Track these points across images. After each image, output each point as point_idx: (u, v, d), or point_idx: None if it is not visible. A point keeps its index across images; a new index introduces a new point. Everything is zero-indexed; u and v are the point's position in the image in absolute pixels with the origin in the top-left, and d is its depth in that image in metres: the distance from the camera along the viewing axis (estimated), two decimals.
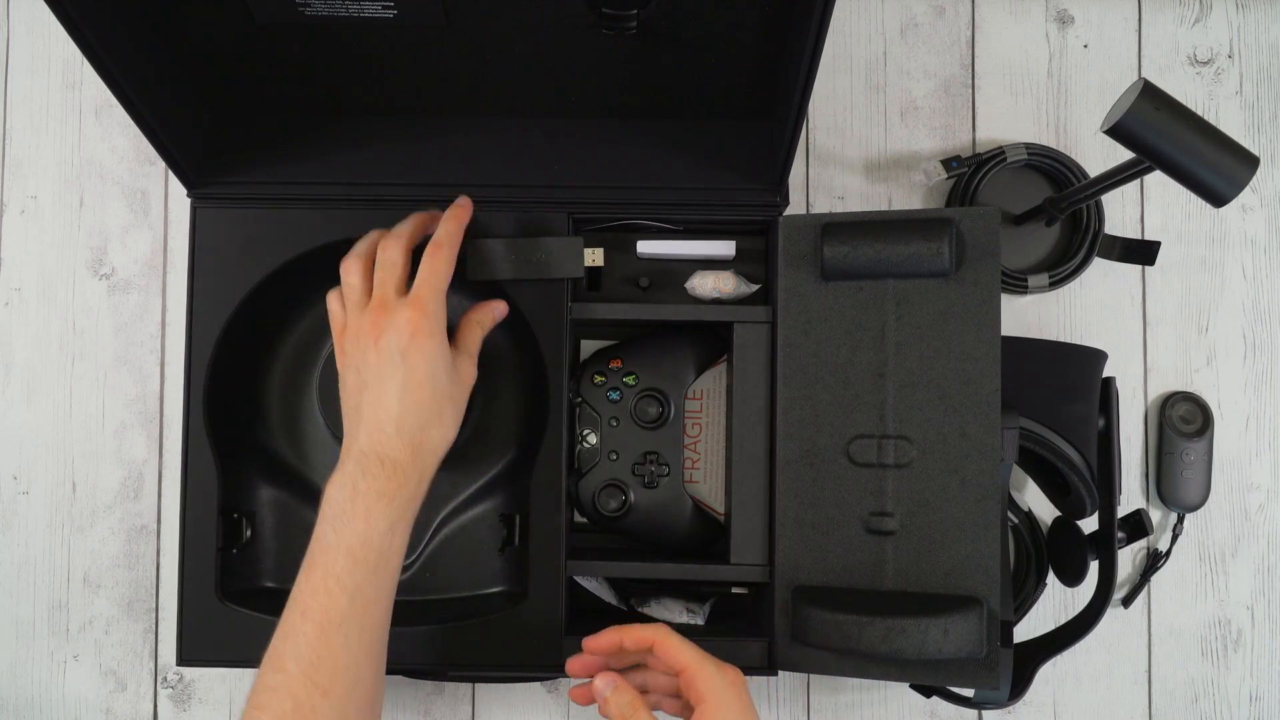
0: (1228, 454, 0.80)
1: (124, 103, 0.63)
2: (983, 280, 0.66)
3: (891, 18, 0.82)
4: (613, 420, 0.72)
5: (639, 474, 0.72)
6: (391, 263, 0.62)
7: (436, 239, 0.63)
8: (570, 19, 0.63)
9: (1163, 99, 0.59)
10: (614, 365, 0.73)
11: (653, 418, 0.72)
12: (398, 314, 0.60)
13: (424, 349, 0.59)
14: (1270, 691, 0.79)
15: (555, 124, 0.73)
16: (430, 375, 0.60)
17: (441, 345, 0.60)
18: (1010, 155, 0.78)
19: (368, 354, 0.60)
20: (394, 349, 0.59)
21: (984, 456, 0.65)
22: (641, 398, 0.72)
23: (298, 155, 0.72)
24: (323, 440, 0.75)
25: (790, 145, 0.66)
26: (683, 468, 0.73)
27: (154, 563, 0.79)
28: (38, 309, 0.80)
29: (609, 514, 0.72)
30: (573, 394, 0.72)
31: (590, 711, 0.79)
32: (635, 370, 0.73)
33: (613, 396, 0.72)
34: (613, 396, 0.72)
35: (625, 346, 0.74)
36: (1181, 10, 0.82)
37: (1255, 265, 0.81)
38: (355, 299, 0.62)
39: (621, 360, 0.73)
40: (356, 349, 0.61)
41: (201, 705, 0.79)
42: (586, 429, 0.73)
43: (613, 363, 0.73)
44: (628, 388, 0.73)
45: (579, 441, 0.73)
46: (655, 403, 0.72)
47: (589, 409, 0.73)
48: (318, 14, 0.62)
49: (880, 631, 0.62)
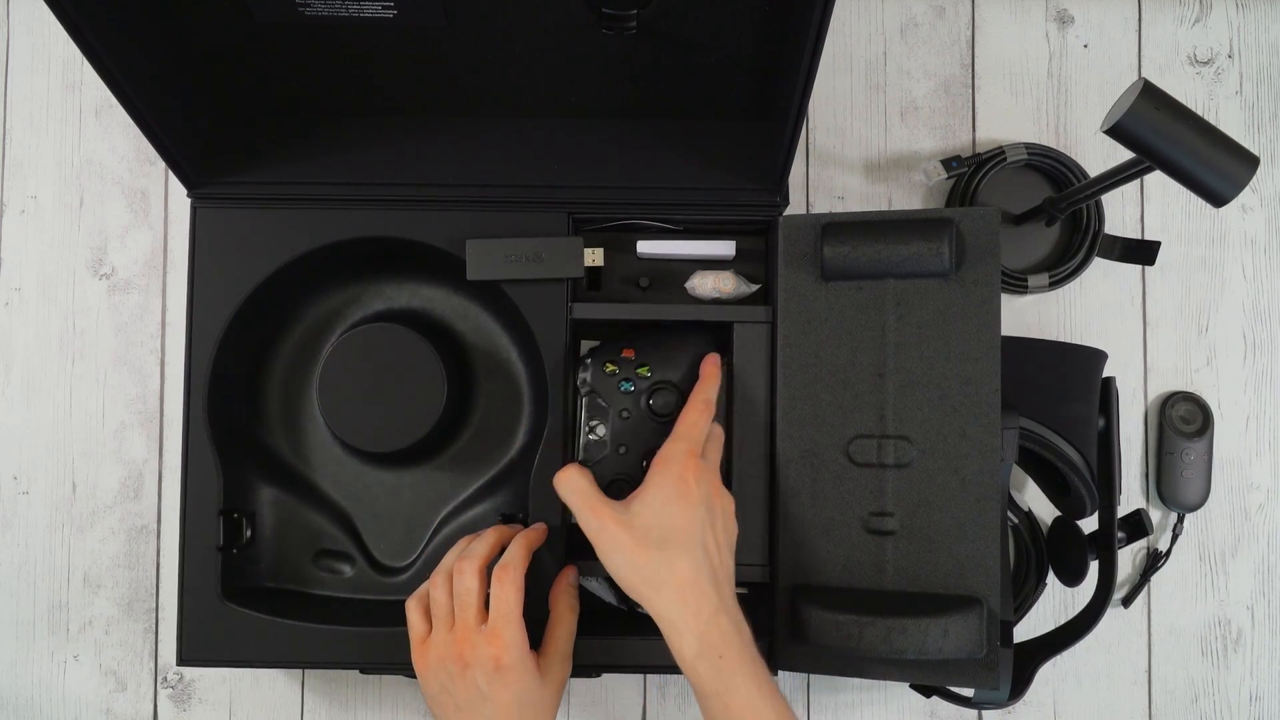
0: (1228, 454, 0.80)
1: (124, 103, 0.63)
2: (983, 280, 0.66)
3: (891, 18, 0.82)
4: (624, 413, 0.71)
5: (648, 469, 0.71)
6: (468, 589, 0.63)
7: (504, 561, 0.64)
8: (570, 19, 0.63)
9: (1163, 99, 0.59)
10: (626, 355, 0.71)
11: (669, 411, 0.70)
12: (480, 649, 0.61)
13: (507, 682, 0.61)
14: (1270, 691, 0.79)
15: (555, 124, 0.73)
16: (518, 703, 0.61)
17: (522, 670, 0.62)
18: (1010, 155, 0.78)
19: (456, 681, 0.62)
20: (480, 684, 0.61)
21: (984, 456, 0.65)
22: (656, 390, 0.71)
23: (298, 155, 0.72)
24: (323, 440, 0.75)
25: (790, 145, 0.66)
26: None
27: (154, 563, 0.79)
28: (38, 309, 0.81)
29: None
30: (582, 383, 0.71)
31: (589, 712, 0.79)
32: (649, 362, 0.71)
33: (625, 388, 0.71)
34: (625, 388, 0.71)
35: (638, 337, 0.72)
36: (1181, 10, 0.82)
37: (1255, 265, 0.81)
38: (442, 616, 0.63)
39: (635, 351, 0.71)
40: (444, 671, 0.62)
41: (201, 705, 0.79)
42: (595, 420, 0.71)
43: (625, 352, 0.71)
44: (641, 379, 0.71)
45: (587, 432, 0.71)
46: (673, 393, 0.70)
47: (598, 400, 0.71)
48: (318, 14, 0.62)
49: (881, 631, 0.62)
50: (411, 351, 0.71)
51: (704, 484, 0.62)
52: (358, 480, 0.75)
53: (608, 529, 0.61)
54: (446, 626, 0.63)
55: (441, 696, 0.63)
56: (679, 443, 0.64)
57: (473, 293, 0.75)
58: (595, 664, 0.70)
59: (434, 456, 0.75)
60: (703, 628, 0.59)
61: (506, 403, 0.75)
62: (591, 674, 0.72)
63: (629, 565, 0.60)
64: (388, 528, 0.75)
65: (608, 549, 0.61)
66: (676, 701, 0.79)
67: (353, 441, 0.72)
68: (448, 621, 0.63)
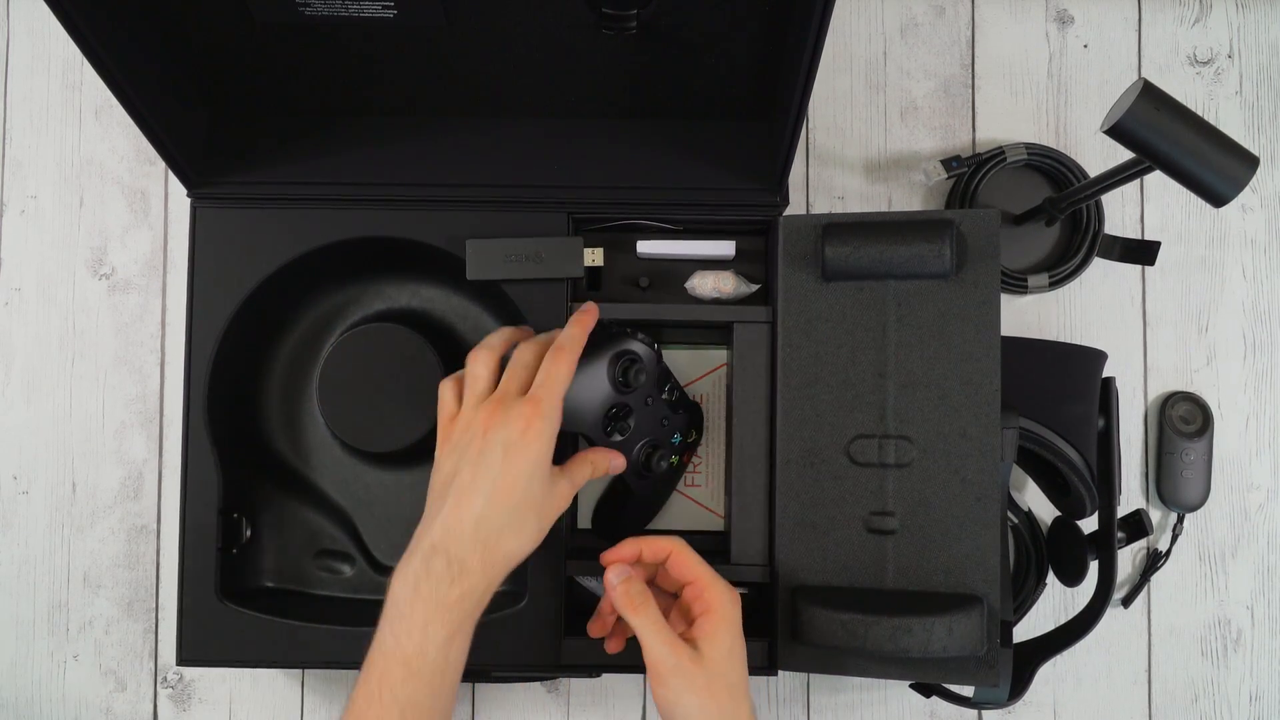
0: (1228, 454, 0.80)
1: (124, 103, 0.63)
2: (983, 281, 0.66)
3: (891, 18, 0.82)
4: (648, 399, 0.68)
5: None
6: (525, 364, 0.61)
7: (560, 342, 0.61)
8: (570, 19, 0.63)
9: (1163, 99, 0.59)
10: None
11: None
12: (514, 409, 0.58)
13: (530, 447, 0.57)
14: (1270, 691, 0.79)
15: (555, 124, 0.73)
16: (527, 476, 0.58)
17: (547, 449, 0.59)
18: (1010, 155, 0.78)
19: (473, 443, 0.58)
20: (500, 441, 0.58)
21: (984, 456, 0.65)
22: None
23: (298, 155, 0.72)
24: (323, 440, 0.75)
25: (790, 145, 0.66)
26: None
27: (154, 563, 0.79)
28: (38, 309, 0.80)
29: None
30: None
31: (589, 712, 0.79)
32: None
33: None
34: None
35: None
36: (1181, 10, 0.82)
37: (1255, 265, 0.81)
38: (479, 390, 0.60)
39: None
40: (465, 437, 0.59)
41: (201, 705, 0.79)
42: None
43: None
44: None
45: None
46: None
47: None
48: (318, 14, 0.62)
49: (886, 630, 0.62)
50: (411, 351, 0.71)
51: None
52: (358, 480, 0.75)
53: (684, 667, 0.58)
54: (480, 398, 0.60)
55: (447, 465, 0.60)
56: (729, 592, 0.61)
57: (473, 293, 0.75)
58: (595, 664, 0.69)
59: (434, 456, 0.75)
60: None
61: None
62: (591, 674, 0.72)
63: (701, 708, 0.58)
64: (388, 528, 0.75)
65: (681, 687, 0.57)
66: None
67: (353, 441, 0.72)
68: (485, 394, 0.60)
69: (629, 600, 0.59)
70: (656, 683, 0.58)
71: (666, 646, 0.58)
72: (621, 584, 0.60)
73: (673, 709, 0.58)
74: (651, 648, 0.58)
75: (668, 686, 0.57)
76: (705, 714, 0.57)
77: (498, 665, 0.69)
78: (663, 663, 0.57)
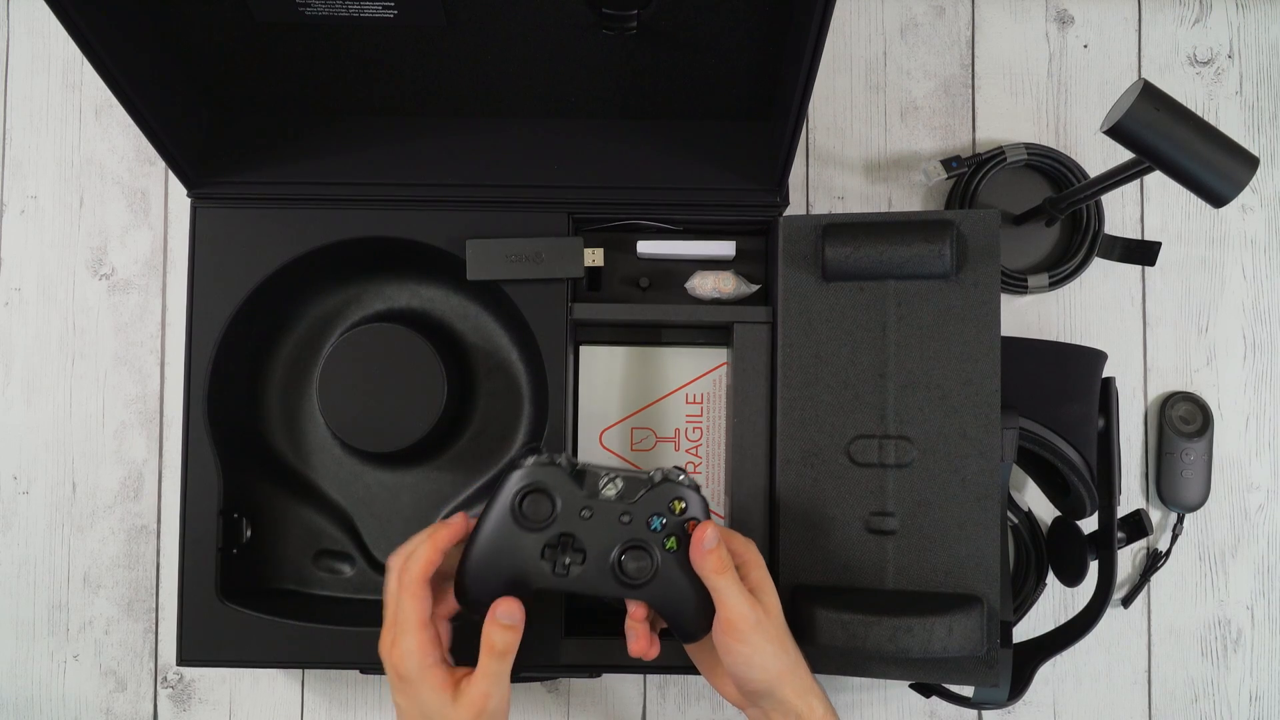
0: (1228, 454, 0.80)
1: (124, 103, 0.63)
2: (983, 282, 0.66)
3: (891, 18, 0.82)
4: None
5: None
6: (390, 593, 0.60)
7: (405, 565, 0.59)
8: (570, 19, 0.63)
9: (1163, 99, 0.59)
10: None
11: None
12: (385, 656, 0.59)
13: (407, 694, 0.58)
14: (1270, 691, 0.79)
15: (555, 124, 0.73)
16: (422, 716, 0.58)
17: (422, 684, 0.57)
18: (1010, 155, 0.78)
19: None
20: (392, 690, 0.60)
21: (984, 456, 0.66)
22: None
23: (298, 155, 0.72)
24: (323, 440, 0.75)
25: (790, 145, 0.66)
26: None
27: (154, 563, 0.79)
28: (38, 309, 0.80)
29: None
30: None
31: (589, 712, 0.79)
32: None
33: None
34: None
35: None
36: (1181, 10, 0.82)
37: (1255, 265, 0.81)
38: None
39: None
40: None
41: (201, 705, 0.79)
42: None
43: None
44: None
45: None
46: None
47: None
48: (318, 14, 0.62)
49: (888, 630, 0.62)
50: (411, 351, 0.71)
51: None
52: (358, 480, 0.75)
53: (761, 620, 0.59)
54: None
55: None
56: (751, 543, 0.63)
57: (473, 293, 0.75)
58: (595, 664, 0.69)
59: (434, 456, 0.75)
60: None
61: (506, 403, 0.75)
62: (591, 674, 0.72)
63: (775, 656, 0.59)
64: (388, 528, 0.75)
65: (760, 640, 0.58)
66: (676, 701, 0.79)
67: (353, 441, 0.72)
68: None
69: (720, 564, 0.58)
70: (736, 640, 0.58)
71: (747, 604, 0.58)
72: (711, 549, 0.58)
73: (749, 662, 0.58)
74: (735, 606, 0.58)
75: (748, 642, 0.58)
76: (779, 662, 0.59)
77: None
78: (745, 619, 0.58)
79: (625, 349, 0.75)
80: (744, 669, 0.59)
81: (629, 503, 0.59)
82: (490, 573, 0.59)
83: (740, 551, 0.61)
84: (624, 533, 0.59)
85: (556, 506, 0.58)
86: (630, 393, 0.75)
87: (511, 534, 0.58)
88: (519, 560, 0.58)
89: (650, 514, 0.59)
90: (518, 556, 0.58)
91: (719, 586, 0.58)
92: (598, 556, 0.58)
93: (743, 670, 0.59)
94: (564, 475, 0.59)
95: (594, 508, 0.59)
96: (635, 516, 0.59)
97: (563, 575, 0.58)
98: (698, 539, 0.58)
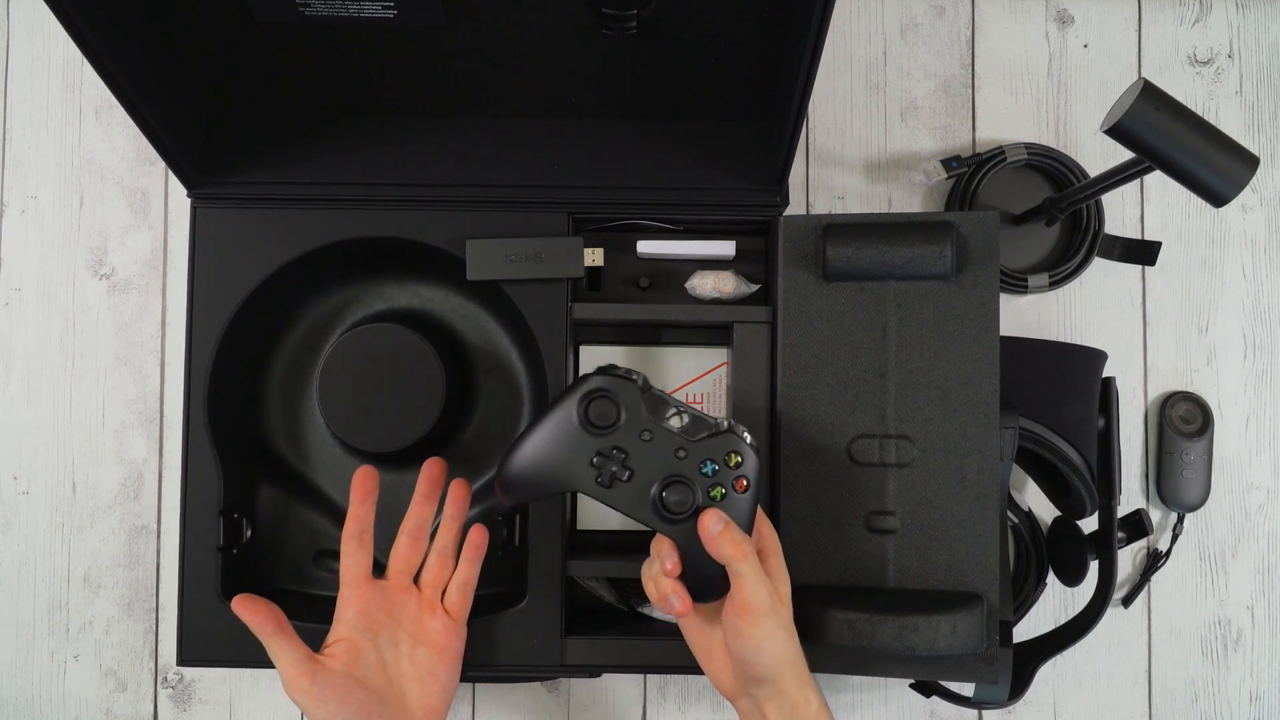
0: (1228, 454, 0.80)
1: (124, 103, 0.63)
2: (982, 283, 0.66)
3: (891, 18, 0.82)
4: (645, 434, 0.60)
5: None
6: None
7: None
8: (570, 19, 0.63)
9: (1163, 99, 0.59)
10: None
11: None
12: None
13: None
14: (1270, 691, 0.79)
15: (555, 124, 0.73)
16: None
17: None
18: (1010, 155, 0.78)
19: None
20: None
21: (984, 456, 0.66)
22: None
23: (298, 155, 0.72)
24: (323, 440, 0.75)
25: (790, 145, 0.66)
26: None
27: (154, 563, 0.79)
28: (38, 309, 0.80)
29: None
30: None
31: (589, 712, 0.79)
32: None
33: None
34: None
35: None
36: (1181, 10, 0.82)
37: (1255, 265, 0.81)
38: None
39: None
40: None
41: (201, 705, 0.79)
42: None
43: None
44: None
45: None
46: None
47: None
48: (318, 14, 0.62)
49: (893, 629, 0.62)
50: (411, 351, 0.71)
51: None
52: None
53: (775, 605, 0.59)
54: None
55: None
56: (770, 524, 0.63)
57: (473, 293, 0.75)
58: (595, 664, 0.70)
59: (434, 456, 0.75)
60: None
61: (506, 403, 0.75)
62: (591, 674, 0.72)
63: (785, 643, 0.59)
64: (388, 528, 0.75)
65: (773, 625, 0.58)
66: (676, 701, 0.79)
67: (353, 441, 0.72)
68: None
69: (736, 546, 0.57)
70: (751, 624, 0.58)
71: (766, 589, 0.58)
72: (726, 530, 0.57)
73: (759, 647, 0.58)
74: (754, 590, 0.58)
75: (761, 626, 0.58)
76: (787, 649, 0.59)
77: (498, 665, 0.69)
78: (763, 604, 0.58)
79: (625, 349, 0.75)
80: (753, 653, 0.58)
81: (690, 439, 0.58)
82: (538, 464, 0.59)
83: (766, 536, 0.61)
84: (676, 466, 0.58)
85: (621, 418, 0.58)
86: None
87: (570, 431, 0.58)
88: (569, 458, 0.58)
89: (705, 457, 0.58)
90: (569, 454, 0.58)
91: (740, 571, 0.58)
92: (643, 480, 0.58)
93: (751, 655, 0.59)
94: (636, 392, 0.59)
95: (655, 433, 0.58)
96: (691, 455, 0.58)
97: (604, 486, 0.58)
98: (703, 529, 0.58)
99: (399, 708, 0.62)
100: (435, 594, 0.66)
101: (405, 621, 0.64)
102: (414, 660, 0.64)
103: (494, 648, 0.69)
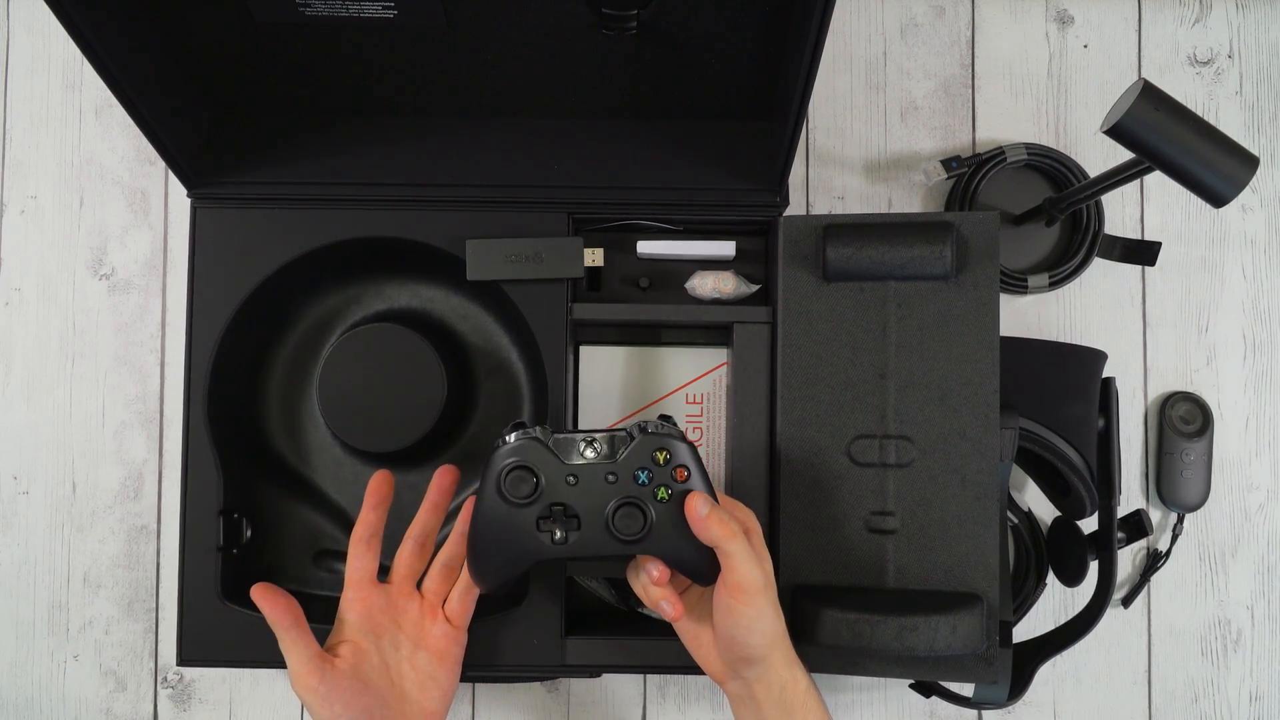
0: (1228, 454, 0.80)
1: (124, 103, 0.63)
2: (982, 283, 0.66)
3: (891, 18, 0.82)
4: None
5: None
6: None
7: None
8: (570, 19, 0.63)
9: (1163, 99, 0.59)
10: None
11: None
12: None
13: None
14: (1270, 691, 0.79)
15: (555, 124, 0.73)
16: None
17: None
18: (1010, 155, 0.78)
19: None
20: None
21: (983, 456, 0.66)
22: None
23: (298, 155, 0.72)
24: (323, 440, 0.75)
25: (790, 145, 0.67)
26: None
27: (154, 563, 0.79)
28: (38, 309, 0.80)
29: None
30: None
31: (589, 712, 0.79)
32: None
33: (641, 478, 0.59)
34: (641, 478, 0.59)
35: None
36: (1181, 10, 0.82)
37: (1255, 265, 0.81)
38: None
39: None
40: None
41: (201, 705, 0.79)
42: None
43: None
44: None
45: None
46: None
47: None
48: (318, 14, 0.62)
49: (893, 629, 0.62)
50: (411, 351, 0.71)
51: None
52: (358, 480, 0.75)
53: (768, 584, 0.59)
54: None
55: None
56: (747, 509, 0.64)
57: (473, 293, 0.75)
58: (595, 664, 0.70)
59: (434, 456, 0.75)
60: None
61: (506, 403, 0.75)
62: (591, 674, 0.72)
63: (774, 621, 0.60)
64: (388, 528, 0.75)
65: (764, 603, 0.59)
66: (676, 701, 0.79)
67: (353, 441, 0.72)
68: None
69: (724, 526, 0.57)
70: (744, 603, 0.58)
71: (758, 568, 0.58)
72: (713, 511, 0.57)
73: (750, 626, 0.59)
74: (746, 570, 0.58)
75: (754, 605, 0.58)
76: (775, 627, 0.60)
77: (498, 665, 0.69)
78: (754, 582, 0.58)
79: (625, 349, 0.75)
80: (745, 633, 0.59)
81: (612, 461, 0.58)
82: (494, 553, 0.60)
83: (744, 520, 0.62)
84: (613, 491, 0.58)
85: (540, 479, 0.58)
86: (630, 393, 0.75)
87: (504, 513, 0.58)
88: (518, 537, 0.58)
89: (635, 469, 0.58)
90: (516, 534, 0.58)
91: (730, 551, 0.58)
92: (592, 520, 0.58)
93: (743, 634, 0.59)
94: (541, 447, 0.58)
95: (578, 473, 0.58)
96: (621, 474, 0.58)
97: (562, 544, 0.58)
98: (690, 512, 0.58)
99: (400, 711, 0.63)
100: (437, 600, 0.65)
101: (407, 626, 0.64)
102: (414, 665, 0.64)
103: (494, 648, 0.69)
